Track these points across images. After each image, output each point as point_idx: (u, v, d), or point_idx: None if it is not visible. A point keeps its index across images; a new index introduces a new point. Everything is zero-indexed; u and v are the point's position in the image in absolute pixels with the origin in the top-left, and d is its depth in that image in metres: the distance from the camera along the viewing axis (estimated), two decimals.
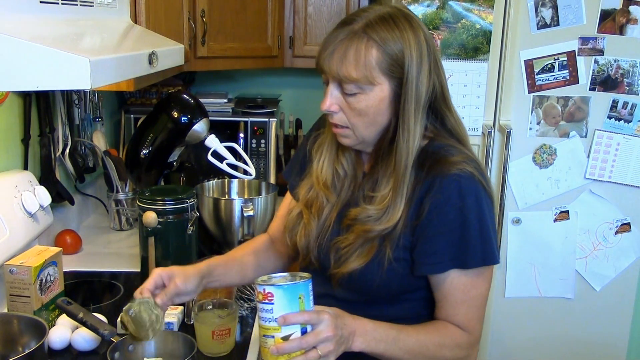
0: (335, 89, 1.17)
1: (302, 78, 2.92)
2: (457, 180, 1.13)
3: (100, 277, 1.73)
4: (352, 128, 1.19)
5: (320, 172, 1.29)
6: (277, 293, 1.01)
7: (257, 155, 2.46)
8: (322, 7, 2.55)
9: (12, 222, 1.47)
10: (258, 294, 1.03)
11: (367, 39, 1.11)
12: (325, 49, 1.15)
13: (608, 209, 2.15)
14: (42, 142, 1.80)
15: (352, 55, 1.12)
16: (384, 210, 1.17)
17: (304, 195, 1.31)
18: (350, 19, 1.15)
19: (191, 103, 1.86)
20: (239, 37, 2.30)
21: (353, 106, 1.16)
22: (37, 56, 0.95)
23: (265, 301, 1.01)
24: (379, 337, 1.10)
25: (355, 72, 1.12)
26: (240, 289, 1.58)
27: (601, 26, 2.02)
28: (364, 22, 1.13)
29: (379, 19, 1.13)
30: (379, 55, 1.11)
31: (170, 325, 1.38)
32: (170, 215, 1.53)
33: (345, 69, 1.12)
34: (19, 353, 1.18)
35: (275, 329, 1.01)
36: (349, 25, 1.14)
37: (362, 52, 1.11)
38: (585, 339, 2.24)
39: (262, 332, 1.04)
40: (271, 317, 1.02)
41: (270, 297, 1.01)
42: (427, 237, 1.15)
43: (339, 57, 1.13)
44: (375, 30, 1.12)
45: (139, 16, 1.57)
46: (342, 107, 1.17)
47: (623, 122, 2.09)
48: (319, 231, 1.27)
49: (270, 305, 1.01)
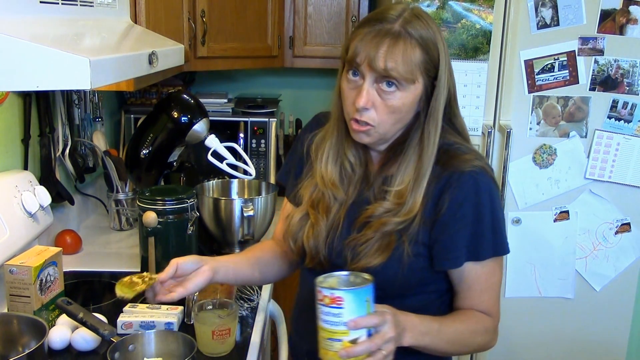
0: (371, 86, 1.15)
1: (302, 78, 2.92)
2: (474, 177, 1.18)
3: (100, 277, 1.73)
4: (377, 125, 1.17)
5: (326, 170, 1.28)
6: (347, 297, 1.00)
7: (257, 155, 2.46)
8: (322, 7, 2.55)
9: (12, 222, 1.47)
10: (324, 297, 1.00)
11: (410, 37, 1.13)
12: (368, 44, 1.13)
13: (608, 209, 2.15)
14: (42, 142, 1.80)
15: (400, 52, 1.11)
16: (401, 205, 1.18)
17: (309, 196, 1.29)
18: (383, 16, 1.15)
19: (191, 103, 1.86)
20: (239, 37, 2.30)
21: (388, 103, 1.15)
22: (37, 56, 0.95)
23: (334, 305, 1.00)
24: (424, 331, 1.13)
25: (402, 69, 1.12)
26: (240, 289, 1.59)
27: (601, 26, 2.02)
28: (402, 20, 1.14)
29: (415, 18, 1.15)
30: (421, 55, 1.14)
31: (170, 325, 1.38)
32: (170, 215, 1.53)
33: (392, 65, 1.11)
34: (19, 353, 1.19)
35: (344, 332, 1.00)
36: (387, 23, 1.13)
37: (408, 50, 1.12)
38: (585, 339, 2.24)
39: (327, 336, 1.02)
40: (339, 320, 1.00)
41: (340, 302, 0.99)
42: (448, 233, 1.19)
43: (385, 53, 1.11)
44: (415, 29, 1.13)
45: (139, 16, 1.57)
46: (374, 104, 1.15)
47: (623, 122, 2.09)
48: (328, 230, 1.26)
49: (339, 309, 1.00)
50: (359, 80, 1.15)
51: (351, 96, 1.17)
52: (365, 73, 1.14)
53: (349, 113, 1.19)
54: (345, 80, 1.18)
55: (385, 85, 1.14)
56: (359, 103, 1.14)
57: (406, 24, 1.13)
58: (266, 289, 1.65)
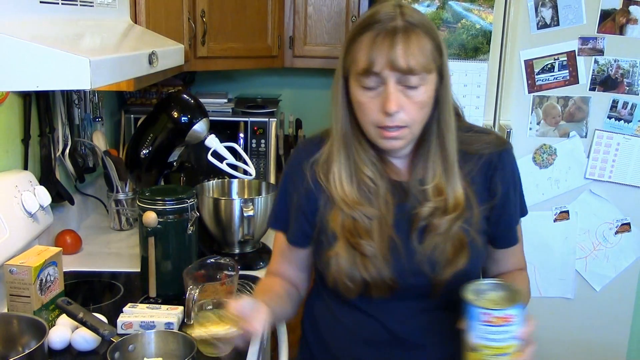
0: (395, 88, 1.10)
1: (302, 78, 2.92)
2: (509, 152, 1.24)
3: (100, 277, 1.73)
4: (410, 125, 1.13)
5: (344, 192, 1.19)
6: (518, 313, 0.98)
7: (257, 155, 2.46)
8: (322, 7, 2.55)
9: (12, 222, 1.47)
10: (495, 319, 0.97)
11: (417, 28, 1.10)
12: (381, 47, 1.08)
13: (608, 209, 2.15)
14: (42, 142, 1.80)
15: (415, 46, 1.08)
16: (444, 200, 1.17)
17: (340, 226, 1.19)
18: (379, 17, 1.11)
19: (191, 103, 1.86)
20: (239, 37, 2.31)
21: (416, 99, 1.11)
22: (37, 56, 0.95)
23: (505, 324, 0.98)
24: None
25: (422, 61, 1.09)
26: (240, 288, 1.58)
27: (601, 26, 2.02)
28: (400, 14, 1.11)
29: (408, 9, 1.13)
30: (430, 42, 1.11)
31: (170, 325, 1.38)
32: (170, 215, 1.53)
33: (413, 61, 1.08)
34: (19, 353, 1.19)
35: (511, 346, 0.99)
36: (389, 22, 1.10)
37: (421, 41, 1.10)
38: (585, 339, 2.24)
39: (493, 352, 0.99)
40: (510, 336, 0.98)
41: (512, 319, 0.98)
42: (508, 213, 1.23)
43: (403, 51, 1.08)
44: (416, 19, 1.11)
45: (139, 16, 1.57)
46: (402, 105, 1.11)
47: (623, 122, 2.09)
48: (384, 253, 1.17)
49: (510, 326, 0.98)
50: (378, 87, 1.11)
51: (374, 105, 1.11)
52: (387, 77, 1.09)
53: (375, 122, 1.13)
54: (360, 91, 1.13)
55: (410, 83, 1.10)
56: (389, 108, 1.09)
57: (406, 17, 1.11)
58: None
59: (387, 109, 1.09)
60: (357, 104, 1.14)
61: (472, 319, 0.99)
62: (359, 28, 1.14)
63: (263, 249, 1.91)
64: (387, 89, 1.09)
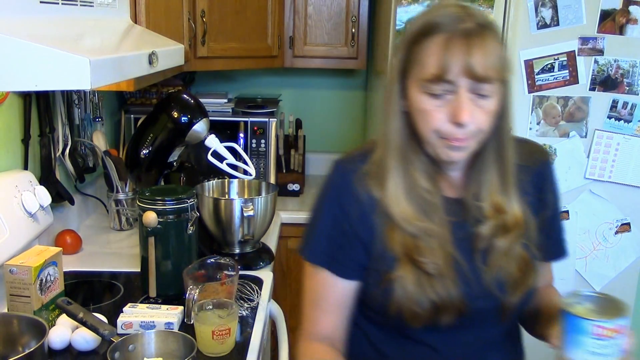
0: (467, 95, 1.01)
1: (302, 78, 2.92)
2: (552, 162, 1.22)
3: (100, 277, 1.73)
4: (477, 136, 1.05)
5: (404, 209, 1.08)
6: (626, 324, 0.95)
7: (257, 155, 2.46)
8: (322, 7, 2.55)
9: (12, 222, 1.47)
10: (608, 331, 0.93)
11: (489, 30, 1.01)
12: (456, 52, 0.99)
13: (608, 209, 2.15)
14: (42, 142, 1.80)
15: (492, 51, 1.00)
16: (503, 216, 1.09)
17: (401, 246, 1.08)
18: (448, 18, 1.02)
19: (191, 103, 1.86)
20: (239, 37, 2.31)
21: (486, 109, 1.02)
22: (37, 56, 0.95)
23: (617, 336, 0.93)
24: None
25: (498, 68, 1.01)
26: (240, 288, 1.59)
27: (601, 26, 2.02)
28: (469, 14, 1.02)
29: (478, 12, 1.05)
30: (501, 47, 1.03)
31: (170, 325, 1.38)
32: (170, 215, 1.53)
33: (491, 68, 0.99)
34: (19, 353, 1.18)
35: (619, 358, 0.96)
36: (460, 22, 1.00)
37: (496, 46, 1.01)
38: None
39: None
40: (619, 349, 0.94)
41: (622, 330, 0.94)
42: (558, 225, 1.21)
43: (481, 56, 0.98)
44: (489, 22, 1.03)
45: (139, 16, 1.57)
46: (473, 115, 1.02)
47: (623, 122, 2.09)
48: (450, 271, 1.08)
49: (621, 338, 0.94)
50: (447, 94, 1.01)
51: (441, 114, 1.02)
52: (460, 84, 1.00)
53: (440, 132, 1.03)
54: (425, 98, 1.03)
55: (482, 91, 1.01)
56: (462, 119, 1.00)
57: (476, 18, 1.01)
58: (266, 289, 1.65)
59: (460, 119, 1.00)
60: (419, 112, 1.05)
61: (580, 333, 0.94)
62: (423, 30, 1.03)
63: (263, 249, 1.91)
64: (459, 98, 1.00)
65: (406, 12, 2.04)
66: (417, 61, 1.03)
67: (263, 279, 1.70)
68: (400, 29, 2.06)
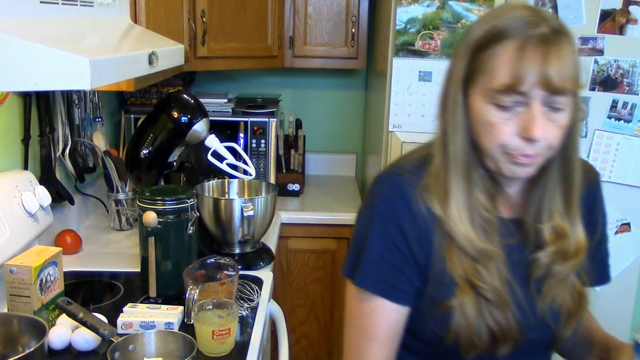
0: (540, 109, 0.93)
1: (302, 78, 2.92)
2: (600, 179, 1.14)
3: (100, 277, 1.73)
4: (546, 153, 0.97)
5: (466, 230, 0.99)
6: None
7: (257, 155, 2.46)
8: (322, 7, 2.55)
9: (12, 222, 1.47)
10: None
11: (564, 36, 0.93)
12: (532, 60, 0.90)
13: (608, 209, 2.14)
14: (42, 142, 1.80)
15: (568, 60, 0.91)
16: (564, 242, 1.02)
17: (462, 268, 0.99)
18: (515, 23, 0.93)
19: (191, 103, 1.86)
20: (239, 37, 2.30)
21: (559, 123, 0.94)
22: (37, 56, 0.94)
23: None
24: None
25: (575, 79, 0.93)
26: (240, 288, 1.59)
27: (601, 26, 2.02)
28: (545, 19, 0.93)
29: (550, 14, 0.97)
30: (577, 55, 0.95)
31: (170, 325, 1.38)
32: (170, 215, 1.53)
33: (568, 79, 0.91)
34: (19, 353, 1.18)
35: None
36: (532, 27, 0.92)
37: (572, 55, 0.93)
38: None
39: None
40: None
41: None
42: (605, 247, 1.13)
43: (558, 65, 0.90)
44: (564, 27, 0.94)
45: (139, 16, 1.57)
46: (545, 129, 0.94)
47: (623, 122, 2.09)
48: (508, 298, 1.00)
49: None
50: (517, 106, 0.93)
51: (509, 127, 0.94)
52: (534, 96, 0.91)
53: (507, 146, 0.95)
54: (492, 110, 0.94)
55: (556, 104, 0.93)
56: (535, 134, 0.92)
57: (551, 22, 0.93)
58: (266, 289, 1.65)
59: (532, 134, 0.92)
60: (483, 124, 0.96)
61: None
62: (490, 35, 0.95)
63: (263, 249, 1.91)
64: (531, 111, 0.92)
65: (406, 12, 2.04)
66: (484, 70, 0.95)
67: (263, 279, 1.70)
68: (400, 28, 2.06)
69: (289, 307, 2.42)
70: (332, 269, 2.45)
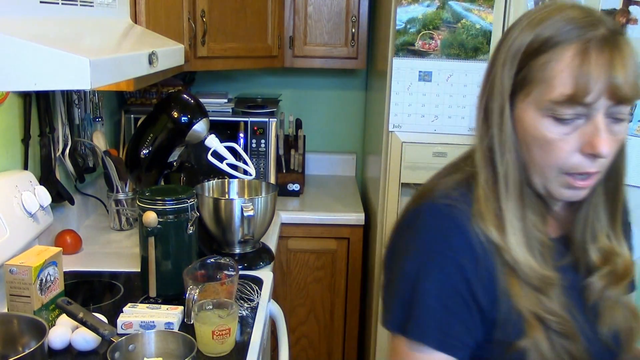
0: (604, 121, 0.84)
1: (302, 78, 2.92)
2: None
3: (100, 277, 1.73)
4: (602, 171, 0.88)
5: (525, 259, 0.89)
6: None
7: (257, 155, 2.46)
8: (322, 7, 2.55)
9: (12, 222, 1.47)
10: None
11: (623, 37, 0.84)
12: (597, 67, 0.81)
13: None
14: (42, 142, 1.80)
15: (631, 64, 0.83)
16: (615, 260, 0.95)
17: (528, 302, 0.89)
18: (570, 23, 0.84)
19: (191, 103, 1.86)
20: (239, 37, 2.31)
21: (620, 136, 0.86)
22: (36, 56, 0.94)
23: None
24: None
25: (638, 84, 0.84)
26: (240, 288, 1.59)
27: None
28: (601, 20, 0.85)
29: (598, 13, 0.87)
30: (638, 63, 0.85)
31: (170, 325, 1.38)
32: (170, 215, 1.53)
33: (635, 86, 0.83)
34: (19, 353, 1.18)
35: None
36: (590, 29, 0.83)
37: (634, 58, 0.84)
38: None
39: None
40: None
41: None
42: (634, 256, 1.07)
43: (624, 73, 0.81)
44: (619, 26, 0.90)
45: (139, 16, 1.57)
46: (610, 144, 0.85)
47: None
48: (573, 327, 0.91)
49: None
50: (576, 119, 0.84)
51: (567, 144, 0.85)
52: (598, 107, 0.82)
53: (569, 167, 0.86)
54: (550, 124, 0.85)
55: (619, 115, 0.84)
56: (602, 149, 0.82)
57: (605, 22, 0.84)
58: (266, 289, 1.65)
59: (598, 150, 0.82)
60: (537, 140, 0.86)
61: None
62: (541, 40, 0.85)
63: (263, 249, 1.91)
64: (595, 124, 0.83)
65: (406, 12, 2.04)
66: (537, 79, 0.85)
67: (263, 279, 1.70)
68: (400, 28, 2.06)
69: (289, 307, 2.42)
70: (332, 269, 2.45)
